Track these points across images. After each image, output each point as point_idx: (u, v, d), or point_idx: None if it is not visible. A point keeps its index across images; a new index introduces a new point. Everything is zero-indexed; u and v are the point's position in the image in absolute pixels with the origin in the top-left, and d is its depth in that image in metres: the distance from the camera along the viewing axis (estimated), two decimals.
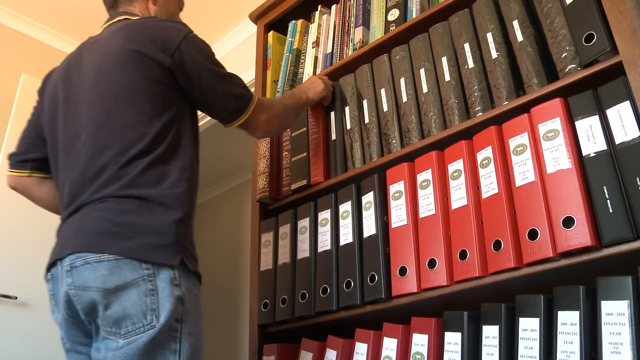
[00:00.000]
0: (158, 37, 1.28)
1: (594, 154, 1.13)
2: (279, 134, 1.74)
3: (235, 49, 3.25)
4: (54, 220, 1.28)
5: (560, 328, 1.08)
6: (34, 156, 1.40)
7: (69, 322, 1.17)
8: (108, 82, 1.25)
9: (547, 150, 1.19)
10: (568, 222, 1.11)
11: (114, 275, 1.08)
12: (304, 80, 1.84)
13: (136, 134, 1.20)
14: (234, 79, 1.38)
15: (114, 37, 1.31)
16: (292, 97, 1.58)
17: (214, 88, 1.33)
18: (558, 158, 1.17)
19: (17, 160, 1.41)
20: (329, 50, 1.85)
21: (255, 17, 2.16)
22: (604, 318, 1.03)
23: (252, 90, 3.14)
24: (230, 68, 1.39)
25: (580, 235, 1.08)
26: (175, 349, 1.09)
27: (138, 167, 1.18)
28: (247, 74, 3.00)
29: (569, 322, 1.07)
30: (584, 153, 1.14)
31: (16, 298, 2.49)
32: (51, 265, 1.20)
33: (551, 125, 1.20)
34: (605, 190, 1.08)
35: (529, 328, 1.13)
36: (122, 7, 1.47)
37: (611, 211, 1.07)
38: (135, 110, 1.22)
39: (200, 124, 3.24)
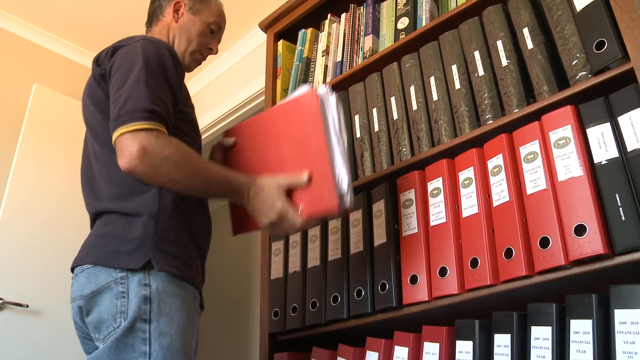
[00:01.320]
0: (107, 51, 1.28)
1: (606, 162, 1.12)
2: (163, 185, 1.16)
3: (245, 57, 3.26)
4: (64, 230, 1.30)
5: (573, 337, 1.07)
6: None
7: (79, 336, 1.23)
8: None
9: (559, 157, 1.18)
10: (580, 230, 1.10)
11: (90, 282, 1.12)
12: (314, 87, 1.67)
13: (100, 152, 1.25)
14: (150, 88, 1.13)
15: None
16: (222, 179, 1.19)
17: (117, 86, 1.16)
18: (569, 166, 1.16)
19: None
20: (339, 59, 1.85)
21: (265, 26, 2.17)
22: (618, 327, 1.02)
23: (262, 99, 3.04)
24: (240, 77, 1.34)
25: (592, 243, 1.08)
26: (145, 351, 1.05)
27: (111, 185, 1.21)
28: (257, 83, 3.01)
29: (581, 330, 1.06)
30: (596, 160, 1.14)
31: (27, 306, 2.50)
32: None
33: (562, 132, 1.19)
34: (618, 198, 1.08)
35: (541, 337, 1.12)
36: (151, 27, 1.51)
37: (624, 219, 1.06)
38: (93, 130, 1.28)
39: (208, 133, 3.25)
